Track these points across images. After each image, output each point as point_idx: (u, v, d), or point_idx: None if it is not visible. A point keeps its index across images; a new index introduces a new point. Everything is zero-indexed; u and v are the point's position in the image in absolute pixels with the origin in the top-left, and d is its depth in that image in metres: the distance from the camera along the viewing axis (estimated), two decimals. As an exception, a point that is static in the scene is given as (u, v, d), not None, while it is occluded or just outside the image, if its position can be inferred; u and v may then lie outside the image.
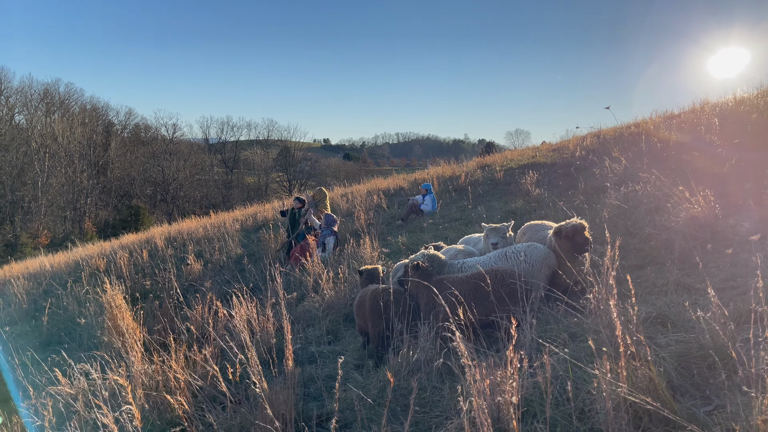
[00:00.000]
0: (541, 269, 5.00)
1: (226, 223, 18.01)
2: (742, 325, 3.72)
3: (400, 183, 19.18)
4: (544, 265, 5.02)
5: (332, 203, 17.73)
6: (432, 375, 4.33)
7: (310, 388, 4.98)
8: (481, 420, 2.62)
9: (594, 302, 4.13)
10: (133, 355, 5.18)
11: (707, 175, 7.59)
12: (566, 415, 3.24)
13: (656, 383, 3.03)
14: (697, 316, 3.51)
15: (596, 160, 11.52)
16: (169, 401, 4.39)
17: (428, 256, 5.36)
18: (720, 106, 12.66)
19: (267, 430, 3.59)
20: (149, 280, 10.99)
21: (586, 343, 3.83)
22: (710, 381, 3.21)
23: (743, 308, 3.89)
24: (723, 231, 5.66)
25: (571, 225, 5.18)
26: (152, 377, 4.94)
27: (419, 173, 22.21)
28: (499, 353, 4.15)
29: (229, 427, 4.03)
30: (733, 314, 3.82)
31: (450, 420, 3.56)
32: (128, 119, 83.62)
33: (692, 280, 4.82)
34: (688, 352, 3.52)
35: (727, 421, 2.77)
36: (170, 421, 4.43)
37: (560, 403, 3.36)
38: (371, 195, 17.21)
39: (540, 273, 4.99)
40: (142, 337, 5.46)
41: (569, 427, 3.16)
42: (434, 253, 5.41)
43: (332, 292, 7.11)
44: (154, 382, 4.93)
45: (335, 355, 5.84)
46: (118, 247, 18.46)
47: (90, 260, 15.80)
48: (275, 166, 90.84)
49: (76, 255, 18.75)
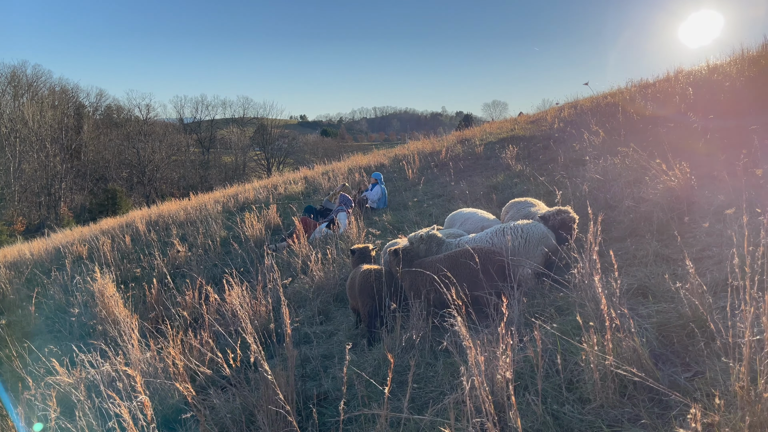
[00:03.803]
0: (537, 247, 5.10)
1: (208, 205, 17.88)
2: (719, 293, 3.94)
3: (380, 159, 19.19)
4: (541, 244, 5.11)
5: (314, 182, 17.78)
6: (425, 352, 4.50)
7: (306, 369, 5.11)
8: (483, 397, 2.78)
9: (579, 277, 4.31)
10: (130, 342, 5.26)
11: (683, 147, 7.80)
12: (556, 386, 3.42)
13: (640, 353, 3.22)
14: (677, 287, 3.70)
15: (574, 133, 11.70)
16: (171, 387, 4.51)
17: (427, 236, 5.48)
18: (694, 74, 12.86)
19: (275, 412, 3.72)
20: (138, 267, 10.99)
21: (572, 317, 4.01)
22: (689, 349, 3.41)
23: (719, 278, 4.10)
24: (699, 202, 5.87)
25: (560, 218, 5.31)
26: (151, 364, 5.04)
27: (399, 148, 22.21)
28: (489, 329, 4.32)
29: (232, 409, 4.16)
30: (710, 284, 4.03)
31: (446, 395, 3.72)
32: (99, 101, 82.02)
33: (670, 251, 5.03)
34: (668, 321, 3.72)
35: (706, 386, 2.96)
36: (173, 406, 4.55)
37: (550, 375, 3.55)
38: (352, 172, 17.23)
39: (535, 251, 5.09)
40: (137, 325, 5.53)
41: (559, 397, 3.34)
42: (433, 233, 5.54)
43: (321, 273, 7.22)
44: (153, 369, 5.03)
45: (328, 335, 5.98)
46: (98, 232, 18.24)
47: (71, 247, 15.62)
48: (252, 144, 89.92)
49: (55, 241, 18.50)
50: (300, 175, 21.00)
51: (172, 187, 69.58)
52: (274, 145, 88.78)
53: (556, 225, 5.29)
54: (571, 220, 5.29)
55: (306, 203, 14.21)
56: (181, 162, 78.20)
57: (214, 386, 4.64)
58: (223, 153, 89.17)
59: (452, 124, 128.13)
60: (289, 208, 12.88)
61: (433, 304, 4.90)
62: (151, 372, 4.94)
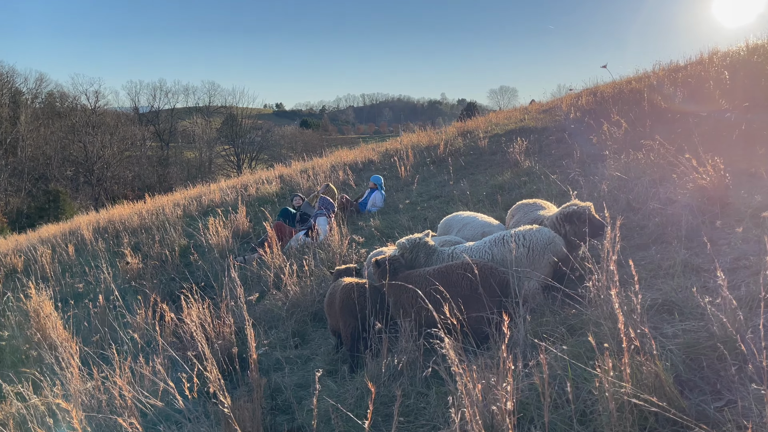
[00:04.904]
0: (543, 256, 5.09)
1: (166, 208, 17.83)
2: (755, 309, 3.95)
3: (369, 155, 19.23)
4: (547, 252, 5.10)
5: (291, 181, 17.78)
6: (416, 380, 4.48)
7: (277, 400, 5.09)
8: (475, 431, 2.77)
9: (594, 291, 4.32)
10: (69, 371, 5.21)
11: (717, 140, 7.86)
12: (566, 419, 3.42)
13: (663, 379, 3.22)
14: (705, 302, 3.71)
15: (593, 124, 11.77)
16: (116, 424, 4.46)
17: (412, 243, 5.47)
18: (731, 55, 12.98)
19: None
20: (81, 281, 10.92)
21: (585, 338, 4.01)
22: (721, 374, 3.41)
23: (756, 291, 4.11)
24: (734, 204, 5.91)
25: (568, 212, 5.39)
26: (93, 396, 4.99)
27: (391, 142, 22.26)
28: (490, 351, 4.31)
29: (187, 449, 4.13)
30: (745, 298, 4.05)
31: (439, 429, 3.71)
32: (40, 87, 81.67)
33: (700, 260, 5.06)
34: (697, 342, 3.72)
35: (738, 417, 2.97)
36: (118, 445, 4.50)
37: (559, 406, 3.54)
38: (336, 170, 17.24)
39: (540, 260, 5.09)
40: (78, 350, 5.48)
41: (569, 431, 3.34)
42: (423, 241, 5.53)
43: (297, 287, 7.20)
44: (96, 402, 4.99)
45: (303, 360, 5.96)
46: (36, 241, 18.16)
47: (4, 258, 15.54)
48: (220, 137, 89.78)
49: (-15, 252, 18.40)
50: (275, 173, 20.98)
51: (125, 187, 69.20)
52: (245, 139, 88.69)
53: (564, 220, 5.37)
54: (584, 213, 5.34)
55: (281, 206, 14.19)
56: (136, 158, 77.88)
57: (167, 422, 4.60)
58: (186, 147, 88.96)
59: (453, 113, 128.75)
60: (261, 212, 12.85)
61: (425, 323, 4.89)
62: (94, 405, 4.90)
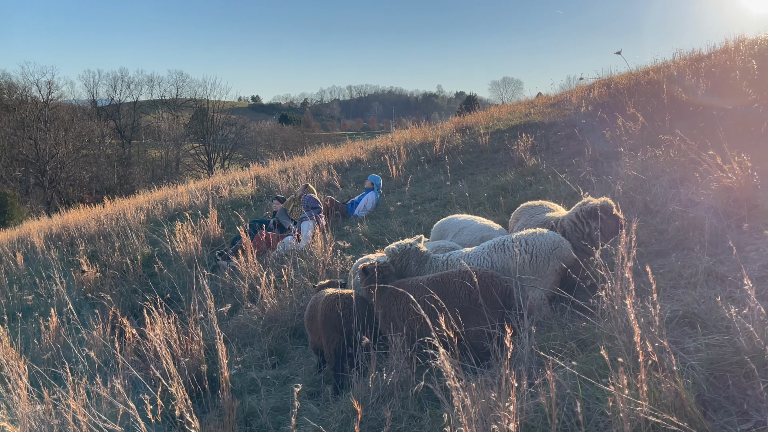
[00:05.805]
0: (548, 262, 5.11)
1: (127, 213, 17.79)
2: (785, 321, 3.98)
3: (356, 153, 19.24)
4: (553, 257, 5.13)
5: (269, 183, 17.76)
6: (408, 401, 4.49)
7: (252, 425, 5.08)
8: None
9: (607, 301, 4.33)
10: (16, 392, 5.18)
11: (743, 135, 7.92)
12: (576, 443, 3.43)
13: (684, 399, 3.23)
14: (731, 313, 3.73)
15: (606, 118, 11.84)
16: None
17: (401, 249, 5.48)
18: (759, 43, 13.10)
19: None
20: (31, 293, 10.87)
21: (598, 353, 4.03)
22: (748, 393, 3.43)
23: (787, 301, 4.15)
24: (762, 205, 5.96)
25: (587, 209, 5.42)
26: (44, 420, 4.97)
27: (381, 139, 22.30)
28: (491, 369, 4.32)
29: (150, 480, 4.11)
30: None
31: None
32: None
33: (726, 268, 5.09)
34: (721, 358, 3.74)
35: (767, 439, 2.99)
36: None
37: (568, 429, 3.55)
38: (319, 170, 17.25)
39: (545, 267, 5.11)
40: (26, 370, 5.45)
41: (580, 456, 3.35)
42: (415, 246, 5.54)
43: (274, 300, 7.19)
44: (47, 427, 4.96)
45: (282, 381, 5.96)
46: (-20, 249, 18.08)
47: (-56, 269, 15.45)
48: (188, 134, 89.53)
49: None
50: (250, 173, 20.95)
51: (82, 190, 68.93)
52: (217, 135, 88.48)
53: (587, 216, 5.41)
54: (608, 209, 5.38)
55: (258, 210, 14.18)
56: (94, 157, 77.49)
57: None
58: (150, 145, 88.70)
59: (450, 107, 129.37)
60: (235, 217, 12.82)
61: (419, 336, 4.90)
62: (44, 431, 4.87)
